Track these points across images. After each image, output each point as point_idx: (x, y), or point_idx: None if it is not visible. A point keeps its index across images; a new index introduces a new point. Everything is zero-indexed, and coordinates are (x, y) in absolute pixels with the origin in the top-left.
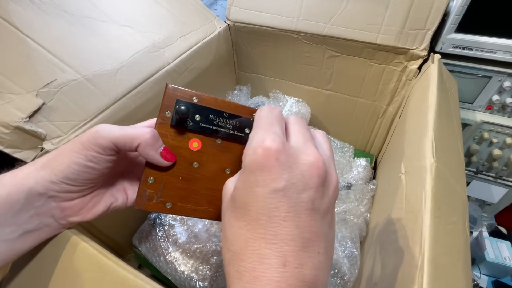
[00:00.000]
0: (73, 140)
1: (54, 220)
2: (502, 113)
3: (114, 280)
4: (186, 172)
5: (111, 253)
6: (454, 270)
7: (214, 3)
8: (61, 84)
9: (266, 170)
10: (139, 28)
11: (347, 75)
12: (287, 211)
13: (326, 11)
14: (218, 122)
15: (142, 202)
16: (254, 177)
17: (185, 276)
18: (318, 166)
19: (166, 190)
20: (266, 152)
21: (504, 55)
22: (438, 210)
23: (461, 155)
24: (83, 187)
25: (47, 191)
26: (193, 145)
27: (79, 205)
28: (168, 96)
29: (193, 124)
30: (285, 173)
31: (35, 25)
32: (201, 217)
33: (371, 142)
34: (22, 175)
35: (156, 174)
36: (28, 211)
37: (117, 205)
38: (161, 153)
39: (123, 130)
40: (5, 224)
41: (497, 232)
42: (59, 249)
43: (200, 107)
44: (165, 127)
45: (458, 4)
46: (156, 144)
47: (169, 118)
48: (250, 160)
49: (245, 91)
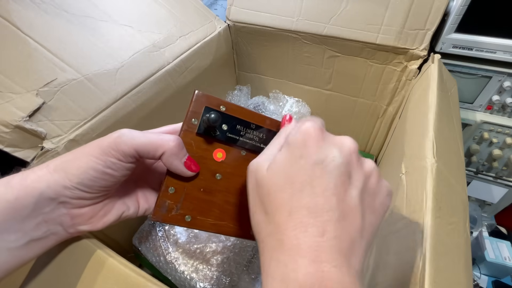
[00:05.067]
0: (91, 144)
1: (63, 228)
2: (502, 113)
3: (116, 277)
4: (208, 184)
5: (112, 250)
6: (455, 270)
7: (214, 3)
8: (61, 83)
9: (309, 144)
10: (139, 28)
11: (347, 75)
12: (327, 182)
13: (326, 11)
14: (245, 133)
15: (160, 213)
16: (299, 151)
17: (185, 276)
18: (354, 147)
19: (187, 202)
20: (310, 129)
21: (504, 55)
22: (439, 210)
23: (461, 155)
24: (97, 194)
25: (59, 196)
26: (218, 156)
27: (90, 213)
28: (196, 102)
29: (219, 134)
30: (326, 148)
31: (35, 24)
32: (219, 233)
33: (371, 142)
34: (33, 177)
35: (178, 184)
36: (36, 217)
37: (128, 214)
38: (185, 163)
39: (147, 137)
40: (11, 231)
41: (497, 232)
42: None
43: (228, 116)
44: (190, 135)
45: (458, 4)
46: (181, 153)
47: (195, 126)
48: (295, 136)
49: (245, 91)
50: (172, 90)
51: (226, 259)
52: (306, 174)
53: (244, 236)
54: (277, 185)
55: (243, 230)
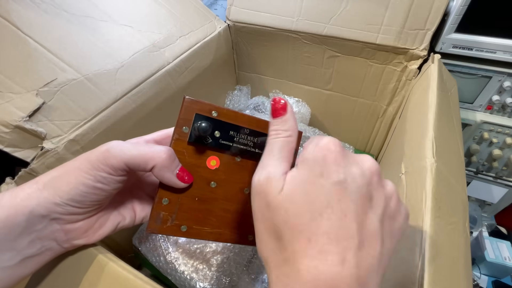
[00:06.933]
0: (80, 158)
1: (57, 244)
2: (502, 113)
3: (114, 280)
4: (203, 193)
5: (111, 253)
6: (454, 270)
7: (214, 3)
8: (61, 83)
9: (329, 161)
10: (139, 27)
11: (347, 75)
12: (348, 205)
13: (326, 11)
14: (238, 139)
15: (155, 225)
16: (319, 168)
17: (185, 276)
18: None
19: (181, 212)
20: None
21: (504, 55)
22: (439, 210)
23: (461, 155)
24: (89, 209)
25: (50, 213)
26: (211, 163)
27: (84, 227)
28: (186, 109)
29: (212, 141)
30: (347, 167)
31: (35, 24)
32: (217, 241)
33: (371, 142)
34: (22, 196)
35: (171, 195)
36: (29, 235)
37: (124, 224)
38: (177, 175)
39: (137, 149)
40: (4, 250)
41: (497, 232)
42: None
43: (220, 122)
44: (182, 144)
45: (458, 4)
46: (173, 165)
47: (186, 134)
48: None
49: (245, 91)
50: (172, 90)
51: (226, 259)
52: (326, 195)
53: (243, 242)
54: (295, 208)
55: (241, 237)
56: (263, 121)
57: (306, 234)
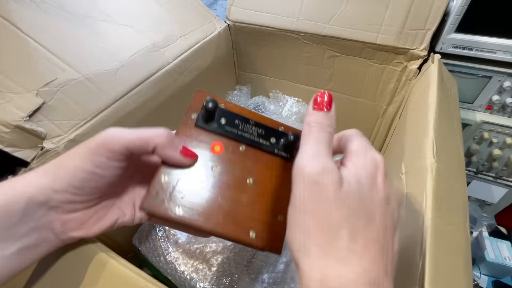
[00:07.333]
0: (80, 145)
1: (54, 235)
2: (502, 113)
3: (115, 277)
4: (204, 176)
5: (113, 251)
6: (455, 270)
7: (214, 3)
8: (61, 83)
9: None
10: (139, 27)
11: (347, 75)
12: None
13: (326, 11)
14: (243, 128)
15: (151, 201)
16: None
17: (185, 276)
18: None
19: (180, 193)
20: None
21: (504, 55)
22: (439, 210)
23: (461, 155)
24: (88, 197)
25: (49, 201)
26: (215, 149)
27: (82, 218)
28: (197, 99)
29: (217, 126)
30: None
31: (35, 24)
32: (213, 231)
33: (371, 142)
34: (22, 182)
35: (171, 175)
36: (26, 224)
37: (124, 220)
38: (181, 151)
39: (136, 132)
40: (1, 237)
41: (497, 232)
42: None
43: (227, 112)
44: (189, 128)
45: (458, 4)
46: (175, 142)
47: (193, 120)
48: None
49: (245, 91)
50: (172, 90)
51: (226, 259)
52: (374, 205)
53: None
54: (352, 208)
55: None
56: (267, 118)
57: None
